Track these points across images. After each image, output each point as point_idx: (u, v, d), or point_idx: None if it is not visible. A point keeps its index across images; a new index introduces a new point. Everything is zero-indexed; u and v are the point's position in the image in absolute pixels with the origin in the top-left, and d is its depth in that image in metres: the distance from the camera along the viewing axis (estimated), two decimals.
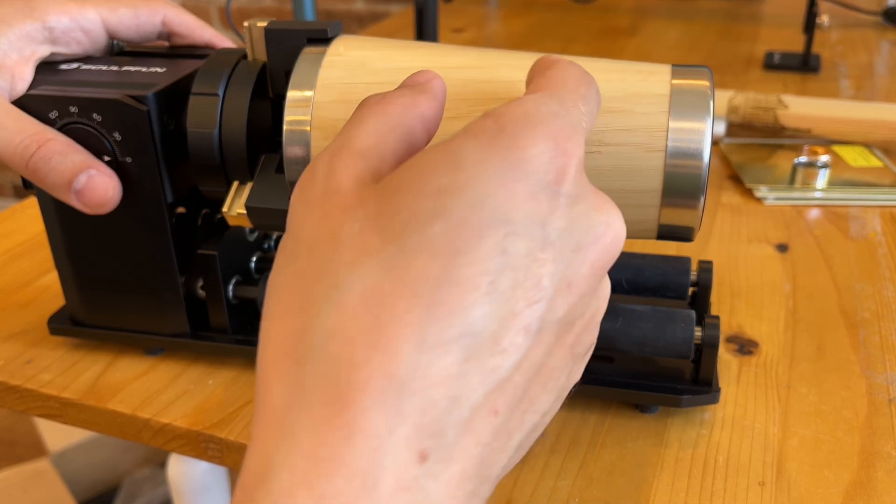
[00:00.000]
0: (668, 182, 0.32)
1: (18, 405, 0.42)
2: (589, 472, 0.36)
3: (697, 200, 0.32)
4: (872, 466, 0.36)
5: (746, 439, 0.38)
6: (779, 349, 0.44)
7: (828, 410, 0.39)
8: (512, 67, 0.35)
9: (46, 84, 0.38)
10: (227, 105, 0.37)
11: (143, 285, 0.41)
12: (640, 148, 0.32)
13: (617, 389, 0.39)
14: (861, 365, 0.42)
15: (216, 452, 0.39)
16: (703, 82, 0.32)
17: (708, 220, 0.58)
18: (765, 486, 0.35)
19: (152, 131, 0.37)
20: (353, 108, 0.34)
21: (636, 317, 0.38)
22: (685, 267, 0.43)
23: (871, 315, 0.47)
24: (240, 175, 0.38)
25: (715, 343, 0.37)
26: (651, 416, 0.39)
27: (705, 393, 0.38)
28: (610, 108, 0.32)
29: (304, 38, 0.36)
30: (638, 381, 0.39)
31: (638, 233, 0.35)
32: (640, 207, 0.33)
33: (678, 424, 0.38)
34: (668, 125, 0.32)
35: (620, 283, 0.43)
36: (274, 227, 0.38)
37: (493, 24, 1.15)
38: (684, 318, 0.38)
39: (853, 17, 1.12)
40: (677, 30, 1.09)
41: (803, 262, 0.52)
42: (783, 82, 0.88)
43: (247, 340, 0.42)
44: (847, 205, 0.61)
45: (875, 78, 0.89)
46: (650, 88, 0.32)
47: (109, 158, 0.37)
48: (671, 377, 0.39)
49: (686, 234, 0.34)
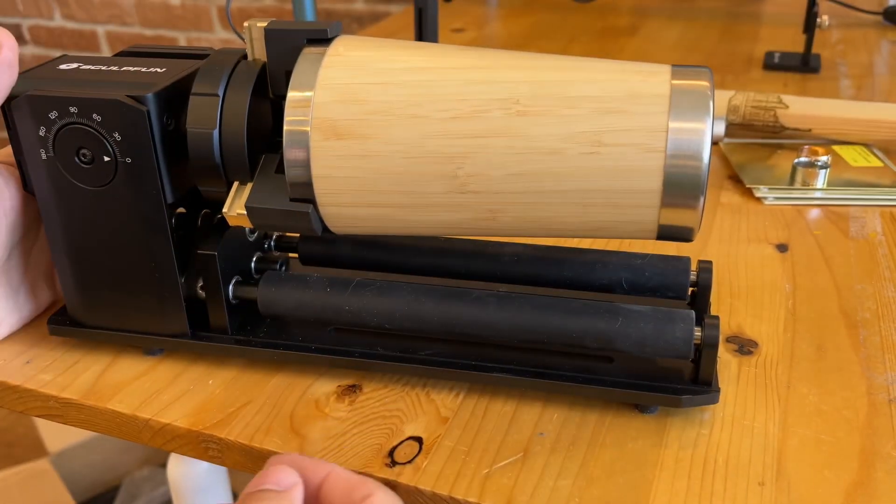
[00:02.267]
0: (667, 182, 0.32)
1: (18, 405, 0.42)
2: (589, 472, 0.36)
3: (697, 201, 0.32)
4: (873, 467, 0.36)
5: (746, 439, 0.37)
6: (779, 349, 0.44)
7: (828, 410, 0.39)
8: (512, 68, 0.35)
9: (45, 84, 0.38)
10: (227, 105, 0.37)
11: (143, 286, 0.41)
12: (639, 148, 0.32)
13: (617, 390, 0.38)
14: (861, 365, 0.42)
15: (216, 452, 0.38)
16: (703, 83, 0.32)
17: (708, 220, 0.58)
18: (765, 486, 0.35)
19: (152, 131, 0.37)
20: (353, 108, 0.34)
21: (636, 317, 0.38)
22: (685, 267, 0.43)
23: (871, 315, 0.47)
24: (240, 175, 0.38)
25: (714, 343, 0.37)
26: (651, 416, 0.39)
27: (705, 393, 0.38)
28: (610, 108, 0.32)
29: (303, 39, 0.36)
30: (638, 381, 0.39)
31: (637, 233, 0.35)
32: (639, 208, 0.33)
33: (678, 424, 0.38)
34: (667, 125, 0.32)
35: (620, 283, 0.43)
36: (274, 226, 0.38)
37: (493, 24, 1.15)
38: (684, 319, 0.38)
39: (853, 17, 1.11)
40: (677, 30, 1.09)
41: (803, 262, 0.52)
42: (783, 82, 0.87)
43: (247, 341, 0.42)
44: (847, 204, 0.60)
45: (875, 77, 0.89)
46: (650, 89, 0.33)
47: (109, 159, 0.37)
48: (671, 377, 0.39)
49: (686, 234, 0.34)
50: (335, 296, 0.41)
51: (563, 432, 0.38)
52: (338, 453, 0.37)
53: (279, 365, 0.43)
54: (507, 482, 0.35)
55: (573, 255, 0.44)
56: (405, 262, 0.46)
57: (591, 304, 0.39)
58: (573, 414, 0.39)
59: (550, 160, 0.33)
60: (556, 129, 0.33)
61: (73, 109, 0.37)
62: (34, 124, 0.38)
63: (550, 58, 0.35)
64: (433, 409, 0.39)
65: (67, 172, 0.38)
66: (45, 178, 0.39)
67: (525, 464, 0.36)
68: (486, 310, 0.40)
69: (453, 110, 0.34)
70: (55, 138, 0.38)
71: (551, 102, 0.33)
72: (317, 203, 0.36)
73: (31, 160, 0.39)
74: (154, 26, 1.71)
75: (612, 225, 0.35)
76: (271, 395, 0.41)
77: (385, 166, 0.34)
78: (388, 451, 0.37)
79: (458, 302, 0.40)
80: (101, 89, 0.37)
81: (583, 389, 0.39)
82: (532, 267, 0.44)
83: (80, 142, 0.37)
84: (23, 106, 0.37)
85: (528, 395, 0.40)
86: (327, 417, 0.39)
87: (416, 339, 0.42)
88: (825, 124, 0.70)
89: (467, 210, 0.35)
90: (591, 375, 0.39)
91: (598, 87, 0.33)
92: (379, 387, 0.41)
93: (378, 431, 0.38)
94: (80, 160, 0.38)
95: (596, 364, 0.40)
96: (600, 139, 0.32)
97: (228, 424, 0.39)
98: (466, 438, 0.38)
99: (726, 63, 0.94)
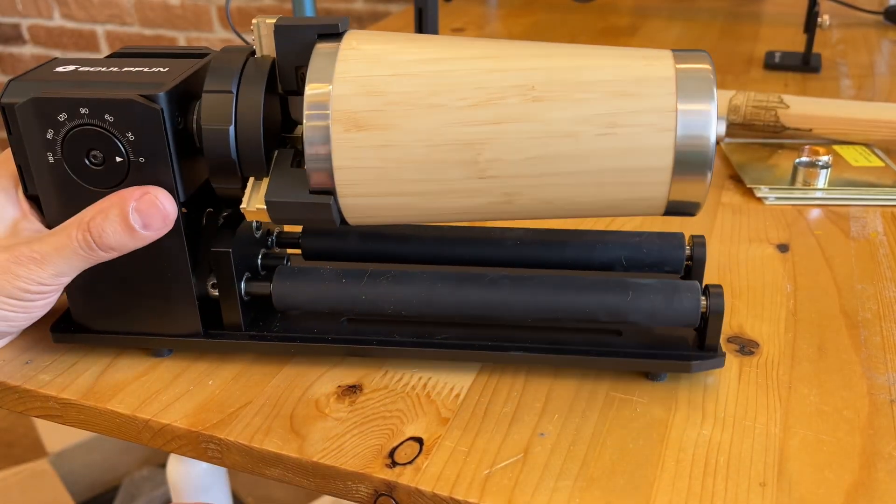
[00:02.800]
0: (678, 159, 0.34)
1: (17, 406, 0.42)
2: (590, 472, 0.36)
3: (705, 176, 0.35)
4: (874, 467, 0.36)
5: (747, 440, 0.37)
6: (780, 349, 0.44)
7: (829, 411, 0.39)
8: (523, 57, 0.36)
9: (51, 87, 0.37)
10: (242, 101, 0.37)
11: (155, 287, 0.41)
12: (651, 128, 0.34)
13: (629, 359, 0.41)
14: (862, 365, 0.42)
15: (216, 453, 0.38)
16: (704, 65, 0.35)
17: (708, 220, 0.58)
18: (766, 486, 0.35)
19: (165, 130, 0.37)
20: (373, 100, 0.35)
21: (645, 289, 0.40)
22: (680, 242, 0.46)
23: (872, 315, 0.47)
24: (255, 171, 0.38)
25: (721, 310, 0.39)
26: (651, 416, 0.39)
27: (712, 358, 0.40)
28: (620, 91, 0.34)
29: (314, 34, 0.37)
30: (647, 350, 0.41)
31: (647, 209, 0.37)
32: (651, 185, 0.35)
33: (679, 425, 0.38)
34: (676, 106, 0.34)
35: (620, 260, 0.45)
36: (292, 220, 0.38)
37: (493, 23, 1.15)
38: (690, 289, 0.40)
39: (854, 17, 1.11)
40: (677, 29, 1.09)
41: (804, 262, 0.52)
42: (784, 82, 0.87)
43: (262, 336, 0.42)
44: (848, 204, 0.60)
45: (876, 77, 0.89)
46: (656, 72, 0.35)
47: (121, 159, 0.37)
48: (679, 346, 0.42)
49: (692, 209, 0.36)
50: (351, 286, 0.42)
51: (564, 433, 0.38)
52: (338, 454, 0.37)
53: (280, 365, 0.43)
54: (508, 483, 0.35)
55: (573, 237, 0.46)
56: (410, 253, 0.47)
57: (601, 279, 0.41)
58: (573, 413, 0.39)
59: (567, 143, 0.34)
60: (572, 112, 0.34)
61: (83, 111, 0.36)
62: (41, 127, 0.37)
63: (557, 46, 0.37)
64: (433, 410, 0.39)
65: (76, 175, 0.38)
66: (52, 181, 0.38)
67: (526, 464, 0.36)
68: (501, 291, 0.41)
69: (471, 98, 0.35)
70: (64, 141, 0.37)
71: (565, 87, 0.35)
72: (337, 194, 0.37)
73: (36, 164, 0.38)
74: (154, 26, 1.71)
75: (623, 203, 0.36)
76: (271, 396, 0.40)
77: (406, 155, 0.35)
78: (389, 452, 0.37)
79: (473, 285, 0.41)
80: (112, 90, 0.37)
81: (596, 361, 0.41)
82: (534, 250, 0.46)
83: (91, 143, 0.37)
84: (29, 109, 0.37)
85: (528, 396, 0.40)
86: (327, 418, 0.39)
87: (428, 324, 0.43)
88: (826, 124, 0.70)
89: (485, 195, 0.36)
90: (603, 348, 0.41)
91: (608, 72, 0.35)
92: (379, 387, 0.41)
93: (378, 432, 0.38)
94: (90, 162, 0.38)
95: (606, 338, 0.42)
96: (614, 121, 0.34)
97: (228, 425, 0.39)
98: (467, 439, 0.38)
99: (727, 63, 0.94)
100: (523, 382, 0.41)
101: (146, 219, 0.37)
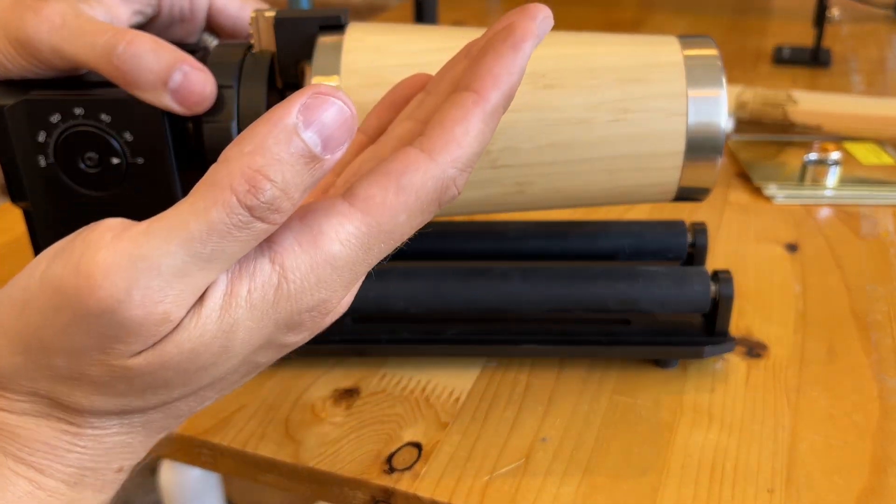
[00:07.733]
0: (690, 144, 0.35)
1: None
2: (593, 478, 0.35)
3: (716, 160, 0.35)
4: (885, 472, 0.35)
5: (755, 445, 0.37)
6: (788, 352, 0.43)
7: (839, 415, 0.38)
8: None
9: (42, 87, 0.37)
10: (244, 96, 0.36)
11: None
12: (663, 113, 0.35)
13: (640, 347, 0.41)
14: (873, 368, 0.42)
15: (209, 458, 0.38)
16: (711, 50, 0.35)
17: (715, 220, 0.57)
18: (774, 492, 0.34)
19: (165, 129, 0.36)
20: (381, 91, 0.34)
21: (655, 277, 0.41)
22: (681, 230, 0.46)
23: (883, 317, 0.46)
24: None
25: (730, 295, 0.40)
26: (656, 420, 0.38)
27: (723, 342, 0.40)
28: (630, 77, 0.35)
29: (315, 27, 0.37)
30: (658, 338, 0.41)
31: (658, 196, 0.37)
32: (663, 170, 0.36)
33: (684, 429, 0.38)
34: (686, 91, 0.34)
35: (623, 249, 0.46)
36: None
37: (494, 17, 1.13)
38: (699, 275, 0.41)
39: (864, 11, 1.10)
40: (684, 24, 1.08)
41: (813, 263, 0.51)
42: (793, 77, 0.86)
43: None
44: (858, 203, 0.59)
45: (887, 73, 0.88)
46: (664, 58, 0.35)
47: (119, 161, 0.37)
48: (689, 333, 0.42)
49: (701, 194, 0.37)
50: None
51: (567, 437, 0.37)
52: (334, 459, 0.36)
53: (275, 368, 0.42)
54: (509, 489, 0.34)
55: (575, 227, 0.46)
56: (411, 248, 0.46)
57: (610, 269, 0.41)
58: (576, 417, 0.38)
59: (579, 129, 0.34)
60: (583, 99, 0.34)
61: (78, 111, 0.36)
62: (31, 130, 0.36)
63: (563, 34, 0.36)
64: (432, 414, 0.39)
65: (70, 179, 0.37)
66: (44, 186, 0.38)
67: (527, 470, 0.35)
68: (512, 284, 0.41)
69: None
70: (57, 143, 0.36)
71: (576, 74, 0.35)
72: None
73: (26, 168, 0.37)
74: None
75: (635, 189, 0.36)
76: (266, 400, 0.40)
77: None
78: (387, 458, 0.36)
79: (482, 279, 0.41)
80: (106, 89, 0.36)
81: (608, 350, 0.41)
82: (538, 242, 0.46)
83: (86, 145, 0.36)
84: (19, 112, 0.36)
85: (529, 399, 0.40)
86: (323, 422, 0.38)
87: (435, 321, 0.43)
88: (836, 121, 0.69)
89: (496, 185, 0.36)
90: (614, 337, 0.42)
91: (617, 58, 0.35)
92: (377, 391, 0.40)
93: (376, 437, 0.37)
94: (85, 165, 0.37)
95: (615, 327, 0.42)
96: (625, 106, 0.34)
97: (222, 430, 0.38)
98: (466, 444, 0.37)
99: (735, 57, 0.93)
100: (525, 385, 0.41)
101: (180, 95, 0.33)
